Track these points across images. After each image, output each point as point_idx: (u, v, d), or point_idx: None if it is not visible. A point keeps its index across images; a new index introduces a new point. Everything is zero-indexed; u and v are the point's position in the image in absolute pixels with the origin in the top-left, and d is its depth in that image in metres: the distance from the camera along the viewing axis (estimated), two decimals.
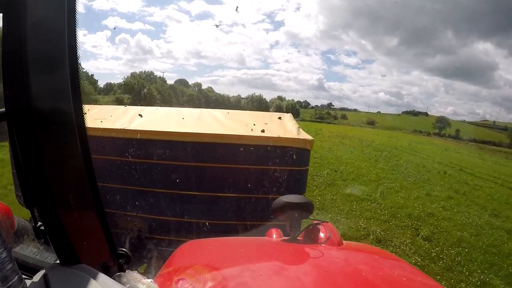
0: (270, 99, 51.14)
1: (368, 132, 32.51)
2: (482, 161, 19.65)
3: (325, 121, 46.78)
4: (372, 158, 12.65)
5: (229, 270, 0.71)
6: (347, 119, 52.62)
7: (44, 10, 0.52)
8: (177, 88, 42.16)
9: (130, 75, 37.08)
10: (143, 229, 2.16)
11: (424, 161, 14.11)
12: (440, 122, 44.91)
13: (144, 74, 39.28)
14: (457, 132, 42.66)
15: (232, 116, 2.60)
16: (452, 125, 46.06)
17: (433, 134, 42.80)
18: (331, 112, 56.74)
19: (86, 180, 0.65)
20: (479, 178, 11.80)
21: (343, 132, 25.87)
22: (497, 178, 12.20)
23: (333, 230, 0.94)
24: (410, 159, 14.30)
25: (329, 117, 52.11)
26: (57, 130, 0.56)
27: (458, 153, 23.04)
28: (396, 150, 17.57)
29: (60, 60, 0.55)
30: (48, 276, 0.57)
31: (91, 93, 25.10)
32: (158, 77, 41.15)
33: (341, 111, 61.27)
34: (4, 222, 0.80)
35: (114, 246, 0.76)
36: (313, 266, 0.75)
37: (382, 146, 18.59)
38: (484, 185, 10.21)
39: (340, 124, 45.37)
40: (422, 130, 44.82)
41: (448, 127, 44.70)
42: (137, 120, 2.32)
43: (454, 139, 40.08)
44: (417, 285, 0.70)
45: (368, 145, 17.74)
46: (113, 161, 2.10)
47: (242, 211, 2.14)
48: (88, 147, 0.63)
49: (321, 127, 26.64)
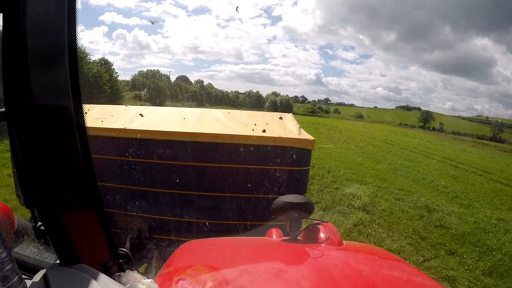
0: (265, 95, 54.54)
1: (351, 124, 35.58)
2: (442, 147, 21.70)
3: (316, 115, 50.39)
4: (334, 140, 15.26)
5: (229, 270, 0.71)
6: (339, 113, 56.34)
7: (45, 9, 0.52)
8: (182, 85, 45.89)
9: (138, 73, 40.32)
10: (143, 229, 2.16)
11: (379, 143, 16.83)
12: (424, 116, 48.68)
13: (151, 72, 42.71)
14: (441, 126, 46.15)
15: (233, 116, 2.60)
16: (436, 119, 49.35)
17: (418, 127, 46.22)
18: (323, 106, 60.44)
19: (86, 180, 0.65)
20: (420, 154, 13.99)
21: (327, 123, 28.33)
22: (444, 157, 14.11)
23: (333, 230, 0.94)
24: (371, 141, 16.99)
25: (320, 111, 56.28)
26: (57, 130, 0.56)
27: (422, 140, 24.90)
28: (351, 132, 20.89)
29: (60, 60, 0.55)
30: (48, 276, 0.57)
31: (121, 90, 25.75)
32: (163, 74, 45.03)
33: (336, 105, 64.55)
34: (4, 222, 0.80)
35: (114, 246, 0.76)
36: (313, 266, 0.75)
37: (352, 133, 20.95)
38: (421, 159, 12.68)
39: (330, 117, 48.42)
40: (407, 123, 48.01)
41: (432, 120, 48.27)
42: (137, 120, 2.32)
43: (438, 132, 43.23)
44: (417, 285, 0.70)
45: (339, 132, 20.19)
46: (113, 160, 2.10)
47: (243, 211, 2.14)
48: (88, 147, 0.63)
49: (309, 120, 28.48)
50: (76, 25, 0.56)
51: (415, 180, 8.00)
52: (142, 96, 31.81)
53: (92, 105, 2.80)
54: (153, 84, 35.41)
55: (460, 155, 17.62)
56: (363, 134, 20.61)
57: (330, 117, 49.85)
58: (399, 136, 25.44)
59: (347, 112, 57.11)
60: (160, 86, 36.02)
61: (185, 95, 43.40)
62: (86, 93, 14.96)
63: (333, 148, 11.69)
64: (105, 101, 16.50)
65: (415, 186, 7.37)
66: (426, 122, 46.82)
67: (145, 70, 43.63)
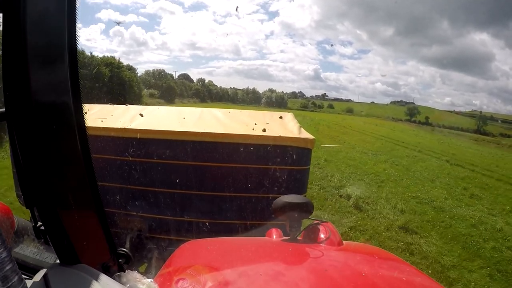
0: (262, 91, 59.02)
1: (340, 117, 38.21)
2: (416, 137, 23.01)
3: (308, 109, 54.15)
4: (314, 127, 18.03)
5: (229, 270, 0.71)
6: (333, 108, 59.58)
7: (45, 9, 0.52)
8: (186, 83, 49.90)
9: (145, 73, 44.02)
10: (143, 229, 2.16)
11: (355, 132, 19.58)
12: (410, 110, 53.18)
13: (157, 71, 46.12)
14: (427, 119, 49.26)
15: (233, 116, 2.60)
16: (422, 112, 52.54)
17: (404, 120, 49.22)
18: (317, 102, 63.77)
19: (86, 180, 0.65)
20: (390, 142, 15.90)
21: (314, 117, 30.23)
22: (416, 146, 15.64)
23: (333, 230, 0.94)
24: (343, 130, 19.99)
25: (313, 106, 59.79)
26: (57, 130, 0.56)
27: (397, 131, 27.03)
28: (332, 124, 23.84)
29: (60, 60, 0.55)
30: (48, 276, 0.57)
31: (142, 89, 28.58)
32: (168, 73, 48.55)
33: (332, 101, 67.30)
34: (4, 222, 0.80)
35: (114, 246, 0.76)
36: (313, 266, 0.75)
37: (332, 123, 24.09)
38: (386, 144, 15.02)
39: (322, 112, 51.42)
40: (394, 117, 51.18)
41: (418, 114, 51.89)
42: (138, 120, 2.32)
43: (422, 125, 45.88)
44: (417, 285, 0.70)
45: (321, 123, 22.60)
46: (113, 160, 2.10)
47: (243, 210, 2.14)
48: (88, 147, 0.63)
49: (298, 114, 30.43)
50: (76, 24, 0.56)
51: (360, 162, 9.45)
52: (155, 94, 35.79)
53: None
54: (165, 84, 40.11)
55: (431, 143, 19.36)
56: (339, 124, 23.83)
57: (323, 112, 52.98)
58: (373, 126, 27.88)
59: (341, 107, 60.09)
60: (171, 85, 41.06)
61: (189, 92, 47.40)
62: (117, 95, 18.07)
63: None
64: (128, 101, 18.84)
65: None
66: (412, 116, 50.95)
67: (151, 69, 46.98)
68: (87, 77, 15.87)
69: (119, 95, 18.29)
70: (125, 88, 19.93)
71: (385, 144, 14.96)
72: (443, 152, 14.26)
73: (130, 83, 21.57)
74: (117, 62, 20.60)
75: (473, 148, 20.59)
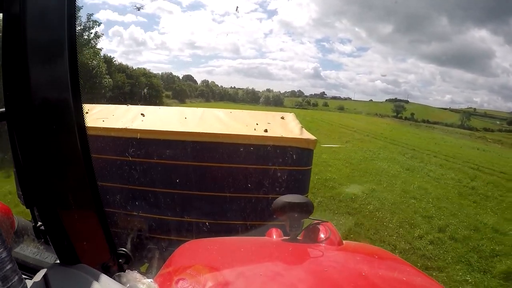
0: (261, 91, 64.19)
1: (332, 114, 40.75)
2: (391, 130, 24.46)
3: (302, 107, 57.59)
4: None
5: (229, 270, 0.71)
6: (327, 106, 62.57)
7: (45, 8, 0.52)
8: (192, 85, 54.91)
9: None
10: (144, 229, 2.16)
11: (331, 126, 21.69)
12: (396, 107, 55.76)
13: (165, 74, 49.94)
14: (412, 115, 51.48)
15: (234, 116, 2.60)
16: (407, 109, 54.98)
17: (391, 116, 51.57)
18: (312, 100, 66.68)
19: (86, 180, 0.64)
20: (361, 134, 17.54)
21: (305, 114, 31.15)
22: (380, 135, 17.52)
23: (333, 230, 0.94)
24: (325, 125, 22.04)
25: (307, 104, 62.82)
26: (57, 130, 0.56)
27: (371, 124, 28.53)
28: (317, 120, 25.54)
29: (61, 60, 0.55)
30: (48, 276, 0.57)
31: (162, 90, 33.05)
32: (175, 76, 52.88)
33: (329, 99, 69.49)
34: (4, 222, 0.80)
35: (114, 246, 0.76)
36: (313, 266, 0.75)
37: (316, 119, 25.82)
38: (356, 134, 17.09)
39: (316, 110, 54.61)
40: (382, 113, 53.56)
41: (403, 110, 54.37)
42: (139, 120, 2.32)
43: (408, 120, 48.47)
44: (417, 285, 0.70)
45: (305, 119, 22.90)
46: (114, 160, 2.10)
47: (244, 211, 2.14)
48: (88, 147, 0.63)
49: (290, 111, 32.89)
50: (76, 24, 0.56)
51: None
52: (169, 96, 40.74)
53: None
54: (178, 87, 45.79)
55: (397, 133, 21.46)
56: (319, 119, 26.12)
57: (317, 109, 56.27)
58: (350, 120, 29.67)
59: (335, 105, 63.05)
60: (183, 88, 47.17)
61: (195, 93, 52.71)
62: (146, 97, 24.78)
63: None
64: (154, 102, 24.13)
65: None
66: (398, 112, 53.61)
67: (160, 73, 50.94)
68: (129, 84, 22.38)
69: (150, 98, 25.31)
70: (156, 93, 27.76)
71: (345, 132, 17.46)
72: (404, 141, 16.22)
73: (158, 88, 28.81)
74: (148, 73, 29.31)
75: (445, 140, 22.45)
